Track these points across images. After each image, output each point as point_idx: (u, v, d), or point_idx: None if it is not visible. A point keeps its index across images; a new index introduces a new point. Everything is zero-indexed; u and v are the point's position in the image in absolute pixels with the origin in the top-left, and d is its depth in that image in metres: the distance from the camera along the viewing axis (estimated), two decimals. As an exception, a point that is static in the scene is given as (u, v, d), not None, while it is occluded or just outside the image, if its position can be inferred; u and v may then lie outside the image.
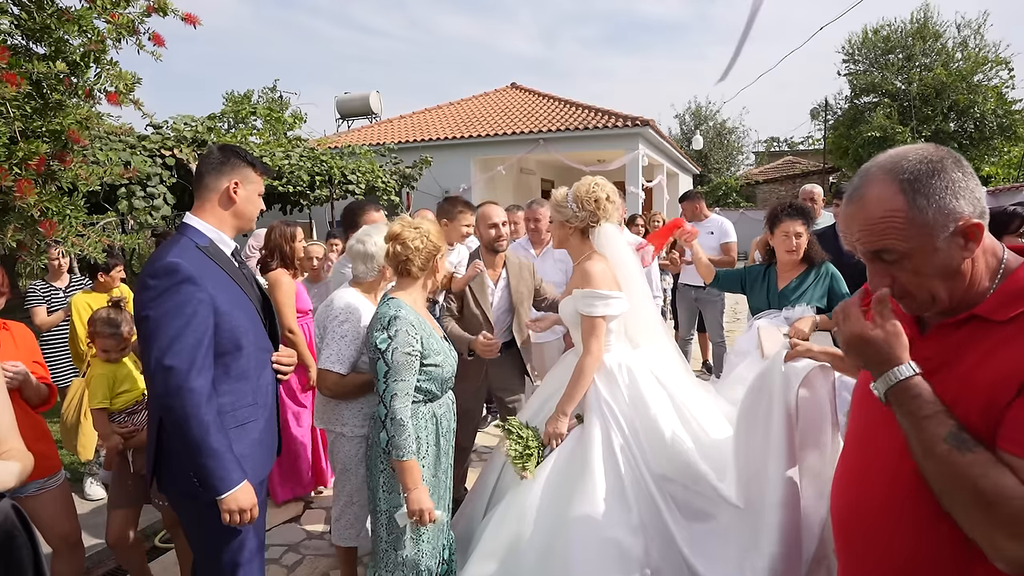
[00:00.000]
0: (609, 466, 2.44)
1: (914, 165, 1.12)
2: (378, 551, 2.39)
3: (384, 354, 2.19)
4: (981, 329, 1.13)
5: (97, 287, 4.14)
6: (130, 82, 2.95)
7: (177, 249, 1.90)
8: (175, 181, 6.97)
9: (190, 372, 1.80)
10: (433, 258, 2.38)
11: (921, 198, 1.11)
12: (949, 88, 21.70)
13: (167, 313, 1.81)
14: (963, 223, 1.10)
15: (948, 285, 1.15)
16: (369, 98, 17.97)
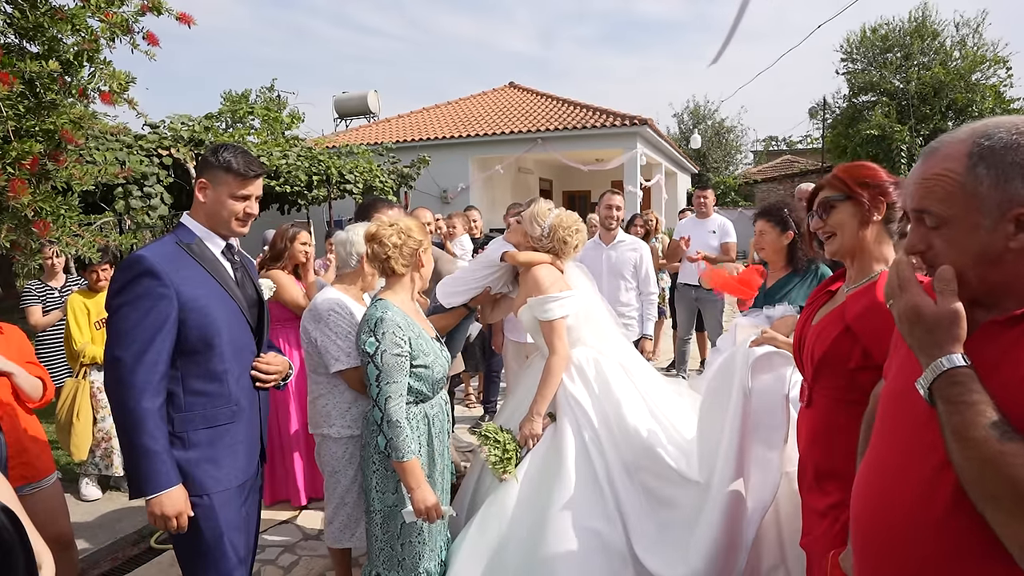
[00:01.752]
0: (582, 460, 2.52)
1: (1001, 134, 1.02)
2: (373, 551, 2.40)
3: (373, 357, 2.18)
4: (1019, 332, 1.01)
5: (91, 286, 4.12)
6: (124, 81, 2.94)
7: (154, 245, 1.95)
8: (172, 181, 6.95)
9: (135, 366, 1.79)
10: (416, 253, 2.34)
11: (983, 167, 1.02)
12: (947, 87, 21.71)
13: (124, 304, 1.84)
14: (1014, 209, 1.00)
15: (981, 271, 1.06)
16: (367, 97, 17.89)
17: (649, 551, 2.37)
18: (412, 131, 15.99)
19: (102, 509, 3.87)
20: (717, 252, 6.12)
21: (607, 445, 2.53)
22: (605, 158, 14.85)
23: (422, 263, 2.39)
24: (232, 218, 2.03)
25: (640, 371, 2.86)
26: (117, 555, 3.43)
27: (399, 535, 2.32)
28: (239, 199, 2.03)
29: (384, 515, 2.33)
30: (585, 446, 2.53)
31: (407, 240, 2.31)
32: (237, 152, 2.03)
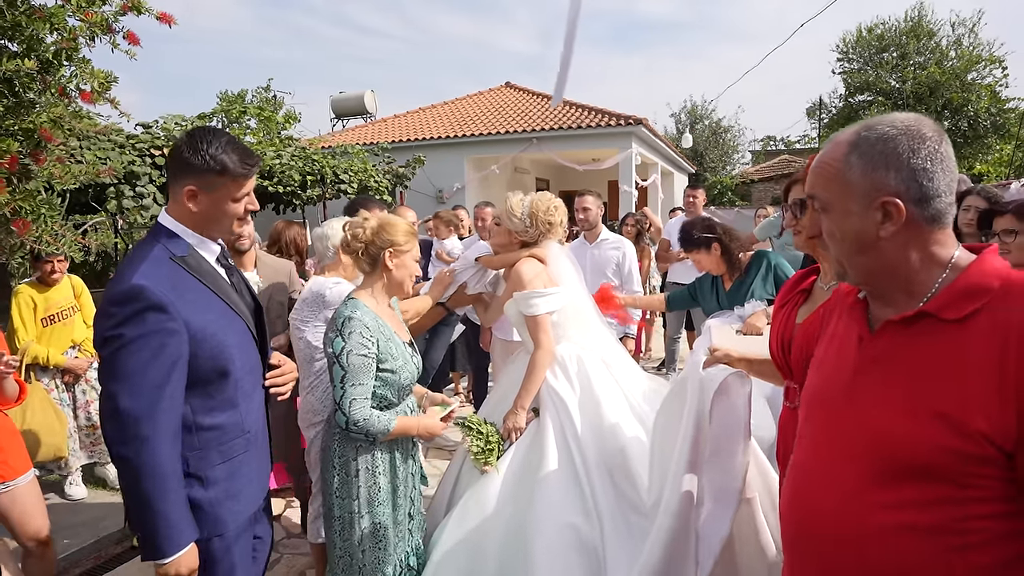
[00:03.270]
0: (564, 455, 2.52)
1: (882, 127, 1.08)
2: (332, 558, 2.29)
3: (339, 358, 2.08)
4: (931, 327, 1.07)
5: (43, 278, 3.85)
6: (105, 80, 2.94)
7: (146, 265, 1.62)
8: (165, 181, 6.96)
9: (150, 417, 1.54)
10: (381, 253, 2.23)
11: (856, 156, 1.09)
12: (943, 86, 21.78)
13: (128, 344, 1.54)
14: (884, 198, 1.06)
15: (861, 260, 1.12)
16: (364, 97, 17.89)
17: (617, 553, 2.36)
18: (408, 131, 15.99)
19: (86, 507, 3.88)
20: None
21: (586, 442, 2.53)
22: (601, 158, 14.84)
23: (387, 267, 2.25)
24: (234, 220, 1.77)
25: (623, 369, 2.86)
26: (100, 554, 3.43)
27: (359, 543, 2.21)
28: (239, 200, 1.75)
29: (344, 522, 2.23)
30: (566, 442, 2.54)
31: (374, 238, 2.22)
32: (226, 143, 1.70)
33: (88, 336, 4.01)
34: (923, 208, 1.06)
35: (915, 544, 1.03)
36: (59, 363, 3.83)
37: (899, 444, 1.04)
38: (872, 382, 1.12)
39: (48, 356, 3.77)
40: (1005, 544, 1.00)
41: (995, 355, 0.97)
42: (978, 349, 0.99)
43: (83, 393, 4.02)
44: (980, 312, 1.02)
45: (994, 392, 0.96)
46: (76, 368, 3.91)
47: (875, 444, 1.08)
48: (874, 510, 1.07)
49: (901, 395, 1.06)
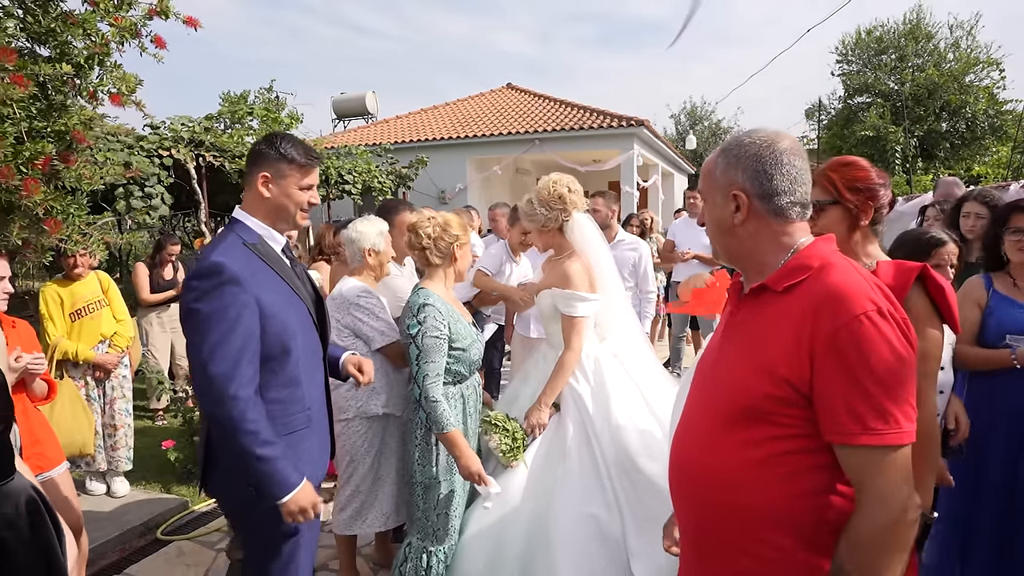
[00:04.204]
0: (585, 450, 2.60)
1: (744, 136, 1.35)
2: (412, 519, 2.58)
3: (415, 339, 2.38)
4: (766, 297, 1.32)
5: (67, 274, 3.92)
6: (133, 84, 3.02)
7: (223, 247, 1.83)
8: (172, 181, 7.02)
9: (233, 380, 1.72)
10: (451, 247, 2.53)
11: (721, 158, 1.35)
12: (941, 88, 21.90)
13: (210, 316, 1.74)
14: (733, 190, 1.32)
15: (724, 243, 1.39)
16: (365, 98, 17.96)
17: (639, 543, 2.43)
18: (410, 132, 16.07)
19: (108, 501, 3.94)
20: (710, 251, 6.23)
21: (604, 438, 2.61)
22: (602, 159, 14.93)
23: (455, 257, 2.56)
24: (299, 210, 1.97)
25: (647, 371, 2.90)
26: (124, 546, 3.50)
27: (435, 507, 2.50)
28: (305, 189, 1.96)
29: (425, 486, 2.51)
30: (587, 437, 2.61)
31: (442, 234, 2.51)
32: (295, 141, 1.96)
33: (117, 330, 4.08)
34: (766, 203, 1.30)
35: (754, 475, 1.26)
36: (89, 358, 3.87)
37: (738, 393, 1.29)
38: (730, 345, 1.40)
39: (77, 351, 3.82)
40: (811, 475, 1.22)
41: (801, 316, 1.21)
42: (793, 312, 1.23)
43: (112, 390, 4.07)
44: (800, 284, 1.25)
45: (795, 344, 1.20)
46: (106, 363, 3.96)
47: (724, 395, 1.33)
48: (724, 449, 1.31)
49: (744, 353, 1.32)
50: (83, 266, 3.92)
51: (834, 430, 1.18)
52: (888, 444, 1.15)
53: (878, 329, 1.15)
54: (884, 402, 1.15)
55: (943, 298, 1.64)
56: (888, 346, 1.15)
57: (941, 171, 20.82)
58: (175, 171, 7.15)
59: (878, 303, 1.18)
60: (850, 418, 1.16)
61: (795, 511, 1.23)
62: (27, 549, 1.50)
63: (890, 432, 1.15)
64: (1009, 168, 17.76)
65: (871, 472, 1.16)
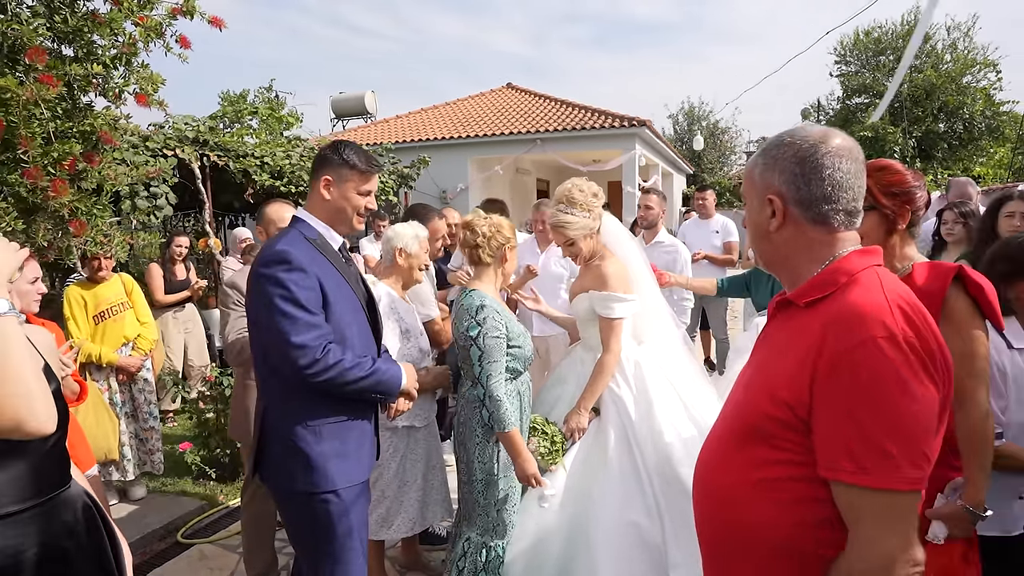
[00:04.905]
0: (625, 455, 2.57)
1: (787, 136, 1.24)
2: (472, 515, 2.60)
3: (476, 340, 2.41)
4: (792, 311, 1.25)
5: (91, 276, 3.92)
6: (159, 84, 3.00)
7: (287, 239, 1.97)
8: (177, 181, 6.98)
9: (316, 348, 1.88)
10: (502, 248, 2.56)
11: (760, 158, 1.27)
12: (939, 89, 22.00)
13: (285, 298, 1.88)
14: (768, 194, 1.23)
15: (760, 248, 1.30)
16: (364, 98, 17.91)
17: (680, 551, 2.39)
18: (410, 132, 16.04)
19: (128, 504, 3.92)
20: (720, 252, 6.26)
21: (645, 443, 2.57)
22: (603, 159, 14.93)
23: (506, 258, 2.60)
24: (355, 214, 2.09)
25: (686, 375, 2.85)
26: (145, 549, 3.47)
27: (496, 502, 2.53)
28: (363, 194, 2.09)
29: (485, 483, 2.54)
30: (627, 442, 2.58)
31: (495, 234, 2.54)
32: (357, 148, 2.09)
33: (141, 333, 4.05)
34: (804, 209, 1.20)
35: (754, 496, 1.20)
36: (112, 361, 3.85)
37: (746, 411, 1.24)
38: (757, 359, 1.34)
39: (101, 354, 3.79)
40: (815, 506, 1.13)
41: (813, 336, 1.11)
42: (809, 331, 1.13)
43: (140, 392, 4.04)
44: (824, 301, 1.16)
45: (799, 366, 1.11)
46: (129, 366, 3.93)
47: (737, 411, 1.29)
48: (732, 467, 1.25)
49: (760, 369, 1.27)
50: (107, 268, 3.91)
51: (826, 464, 1.09)
52: (882, 488, 1.03)
53: (886, 358, 1.02)
54: (884, 441, 1.02)
55: (984, 296, 1.64)
56: (896, 378, 1.02)
57: (940, 172, 20.90)
58: (179, 171, 7.12)
59: (893, 328, 1.04)
60: (843, 453, 1.05)
61: (797, 541, 1.16)
62: (85, 556, 1.49)
63: (887, 475, 1.03)
64: (1010, 169, 17.85)
65: (859, 515, 1.07)
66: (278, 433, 1.98)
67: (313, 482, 1.95)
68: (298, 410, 1.96)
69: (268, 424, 2.01)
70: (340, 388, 1.94)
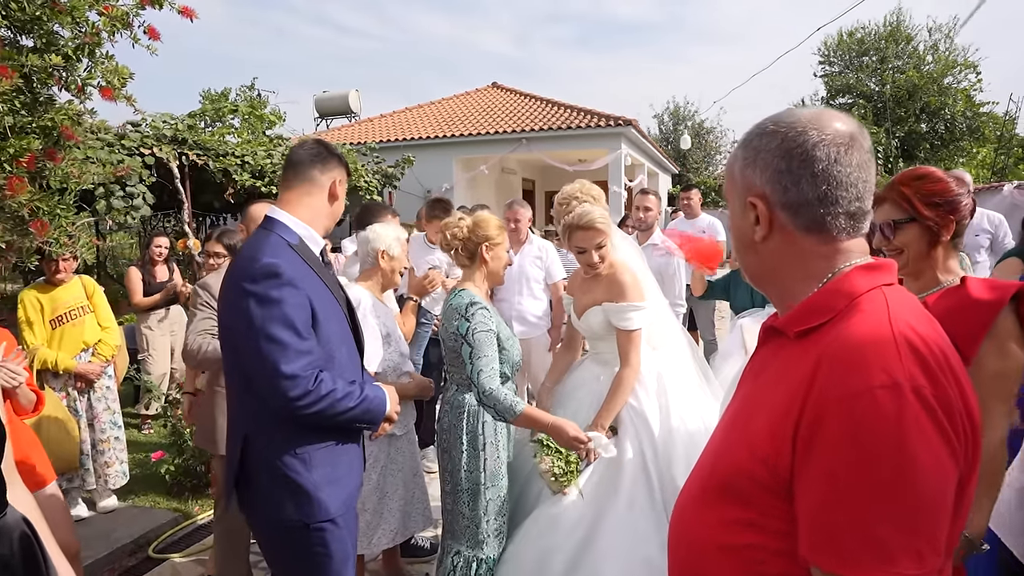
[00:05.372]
0: (641, 481, 2.38)
1: (768, 122, 0.99)
2: (458, 529, 2.44)
3: (466, 337, 2.30)
4: (783, 343, 0.99)
5: (49, 279, 3.70)
6: (125, 77, 2.85)
7: (270, 248, 1.75)
8: (154, 180, 6.79)
9: (308, 377, 1.70)
10: (478, 248, 2.45)
11: (740, 150, 1.02)
12: (921, 90, 22.20)
13: (277, 319, 1.68)
14: (750, 196, 0.98)
15: (744, 260, 1.06)
16: (348, 97, 17.73)
17: None
18: (395, 131, 15.87)
19: (96, 518, 3.75)
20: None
21: (665, 467, 2.40)
22: (588, 158, 14.87)
23: (484, 259, 2.47)
24: (340, 211, 1.98)
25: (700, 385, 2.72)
26: (115, 565, 3.32)
27: (484, 513, 2.40)
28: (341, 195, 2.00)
29: (472, 493, 2.40)
30: (645, 466, 2.40)
31: (469, 235, 2.45)
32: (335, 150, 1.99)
33: (103, 338, 3.85)
34: (792, 214, 0.95)
35: (720, 561, 0.97)
36: (69, 368, 3.64)
37: (722, 462, 1.01)
38: (742, 395, 1.09)
39: (57, 360, 3.59)
40: None
41: (803, 376, 0.87)
42: (799, 369, 0.90)
43: (99, 401, 3.84)
44: (818, 330, 0.92)
45: (783, 414, 0.88)
46: (88, 373, 3.73)
47: (714, 460, 1.05)
48: (699, 523, 1.04)
49: (743, 410, 1.03)
50: (66, 271, 3.69)
51: (807, 544, 0.85)
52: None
53: (885, 415, 0.78)
54: (877, 525, 0.78)
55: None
56: (898, 443, 0.78)
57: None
58: (157, 170, 6.94)
59: (898, 374, 0.79)
60: (824, 533, 0.82)
61: None
62: (24, 590, 1.35)
63: (878, 568, 0.78)
64: (992, 169, 18.02)
65: None
66: (265, 463, 1.78)
67: (308, 513, 1.78)
68: (287, 438, 1.77)
69: (252, 453, 1.80)
70: (329, 419, 1.77)
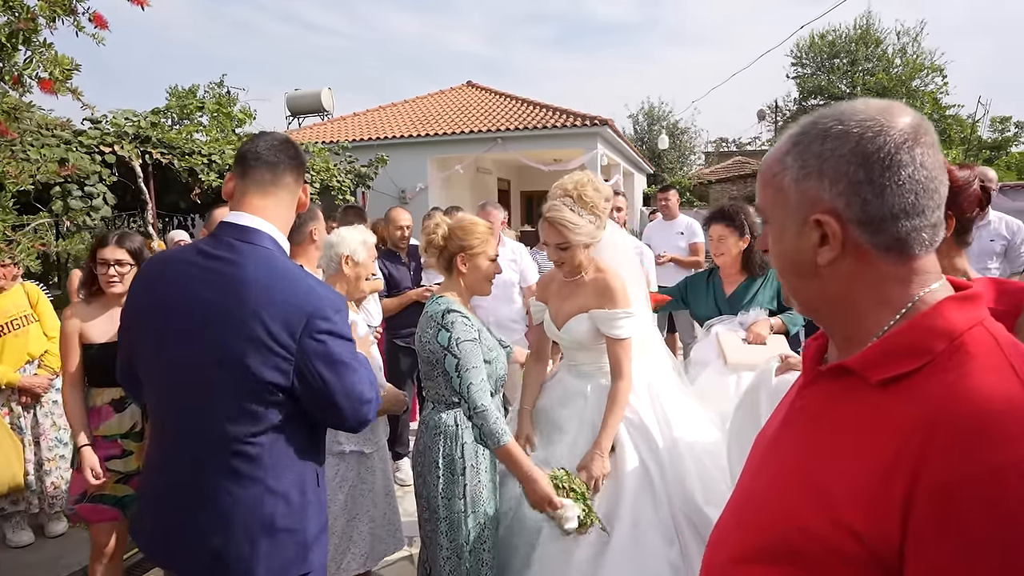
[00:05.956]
0: (645, 496, 2.22)
1: (827, 119, 0.83)
2: (438, 560, 2.22)
3: (449, 348, 2.09)
4: (851, 383, 0.83)
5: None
6: (67, 68, 2.62)
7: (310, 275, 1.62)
8: (116, 180, 6.50)
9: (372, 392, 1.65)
10: (454, 257, 2.26)
11: (791, 157, 0.85)
12: (890, 92, 22.53)
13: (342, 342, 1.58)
14: (815, 213, 0.82)
15: (800, 286, 0.90)
16: (320, 95, 17.43)
17: None
18: (368, 130, 15.60)
19: (43, 544, 3.50)
20: (685, 253, 6.16)
21: (673, 487, 2.23)
22: (564, 158, 14.78)
23: (459, 269, 2.26)
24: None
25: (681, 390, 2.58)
26: (61, 595, 3.09)
27: (465, 543, 2.19)
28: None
29: (450, 523, 2.19)
30: (648, 477, 2.24)
31: (446, 244, 2.26)
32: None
33: (49, 348, 3.58)
34: (871, 232, 0.80)
35: None
36: (12, 382, 3.38)
37: (768, 512, 0.85)
38: (788, 437, 0.93)
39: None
40: None
41: (903, 435, 0.73)
42: (890, 423, 0.75)
43: (46, 416, 3.56)
44: (910, 377, 0.77)
45: (882, 480, 0.72)
46: (34, 387, 3.46)
47: (759, 509, 0.89)
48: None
49: (799, 458, 0.86)
50: (5, 278, 3.44)
51: None
52: None
53: None
54: None
55: None
56: None
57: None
58: (119, 169, 6.65)
59: None
60: None
61: None
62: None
63: None
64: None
65: None
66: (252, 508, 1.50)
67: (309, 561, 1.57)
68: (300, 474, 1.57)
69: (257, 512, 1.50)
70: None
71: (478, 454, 2.23)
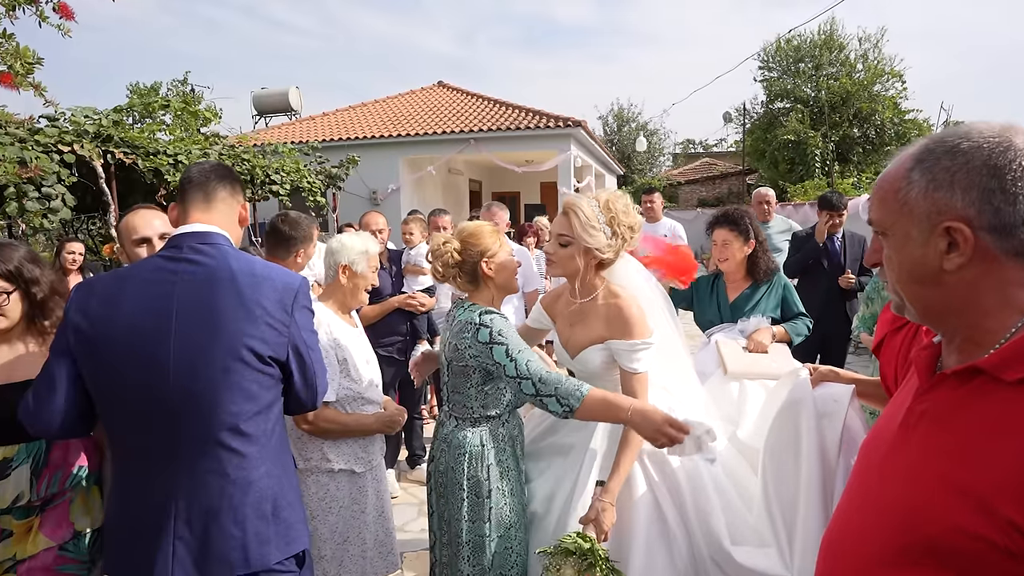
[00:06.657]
0: (660, 543, 2.03)
1: (952, 137, 0.90)
2: None
3: (494, 339, 1.98)
4: (987, 386, 0.87)
5: None
6: (30, 62, 2.44)
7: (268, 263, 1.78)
8: (76, 180, 6.19)
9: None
10: (477, 266, 2.13)
11: (919, 172, 0.92)
12: (853, 96, 23.06)
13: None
14: (948, 223, 0.88)
15: (918, 291, 0.96)
16: (288, 94, 17.09)
17: None
18: (338, 130, 15.33)
19: None
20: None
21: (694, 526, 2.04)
22: (536, 160, 14.73)
23: (488, 275, 2.14)
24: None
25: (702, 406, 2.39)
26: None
27: (489, 568, 2.06)
28: None
29: (474, 546, 2.07)
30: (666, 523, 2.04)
31: (463, 257, 2.13)
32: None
33: None
34: (1002, 238, 0.86)
35: None
36: None
37: (916, 517, 0.88)
38: (914, 440, 0.95)
39: None
40: None
41: None
42: None
43: None
44: None
45: None
46: None
47: (900, 513, 0.92)
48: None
49: (933, 459, 0.90)
50: None
51: None
52: None
53: None
54: None
55: None
56: None
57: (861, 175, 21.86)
58: (79, 169, 6.34)
59: None
60: None
61: None
62: None
63: None
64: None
65: None
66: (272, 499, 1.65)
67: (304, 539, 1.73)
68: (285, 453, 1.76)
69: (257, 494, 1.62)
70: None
71: (504, 475, 2.10)
